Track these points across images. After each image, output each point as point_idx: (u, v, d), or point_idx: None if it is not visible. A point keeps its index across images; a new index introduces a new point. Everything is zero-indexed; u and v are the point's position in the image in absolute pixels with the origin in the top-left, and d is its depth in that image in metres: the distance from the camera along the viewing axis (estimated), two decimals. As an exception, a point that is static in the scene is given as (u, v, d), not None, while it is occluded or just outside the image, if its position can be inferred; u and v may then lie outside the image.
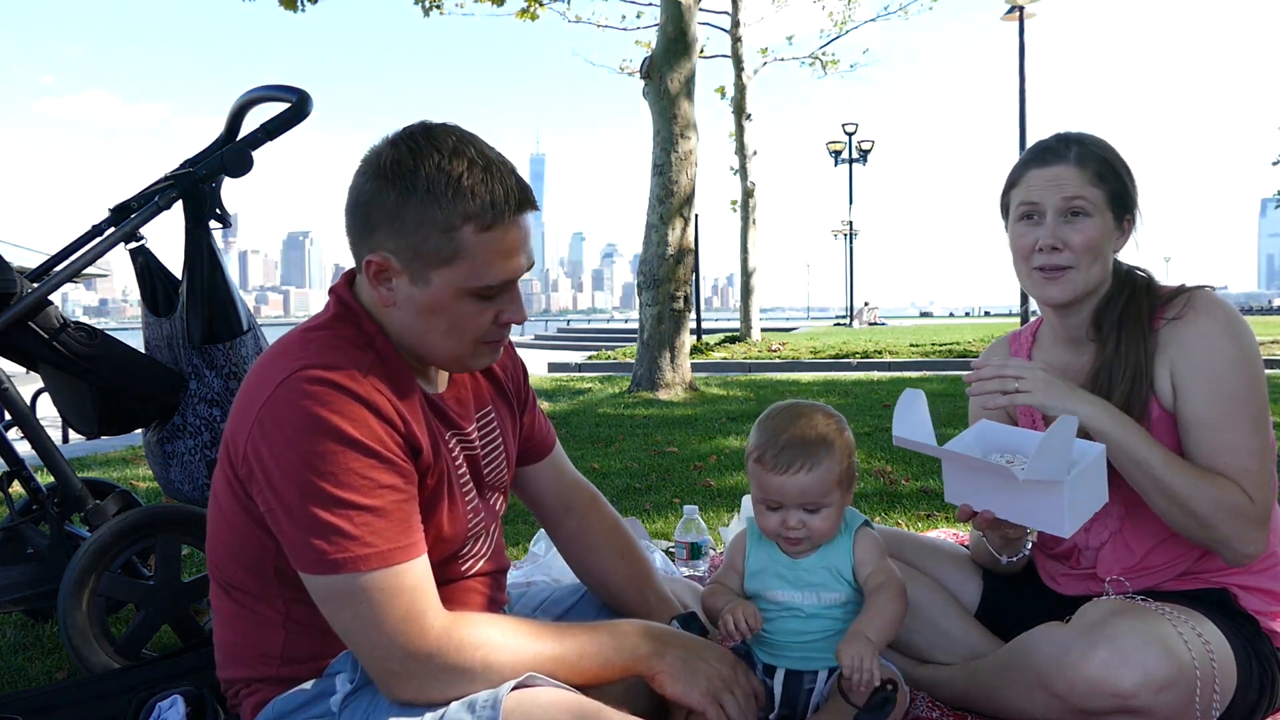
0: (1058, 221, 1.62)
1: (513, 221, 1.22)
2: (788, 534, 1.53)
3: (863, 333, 22.82)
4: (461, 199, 1.18)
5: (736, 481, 4.22)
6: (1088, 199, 1.60)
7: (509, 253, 1.23)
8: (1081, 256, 1.61)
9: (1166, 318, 1.61)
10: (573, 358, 15.81)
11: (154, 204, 2.17)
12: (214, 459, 2.15)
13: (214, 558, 1.33)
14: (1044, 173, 1.64)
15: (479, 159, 1.21)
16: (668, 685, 1.31)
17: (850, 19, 17.59)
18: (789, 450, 1.50)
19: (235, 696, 1.36)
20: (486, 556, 1.46)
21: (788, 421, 1.54)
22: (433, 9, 10.98)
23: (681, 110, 8.03)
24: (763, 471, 1.52)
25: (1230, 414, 1.54)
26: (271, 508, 1.18)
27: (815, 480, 1.50)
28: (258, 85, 2.37)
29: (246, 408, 1.20)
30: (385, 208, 1.20)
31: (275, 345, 1.27)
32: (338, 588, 1.15)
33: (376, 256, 1.22)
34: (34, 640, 2.34)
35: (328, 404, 1.15)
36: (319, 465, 1.14)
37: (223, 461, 1.26)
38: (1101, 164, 1.63)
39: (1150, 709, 1.40)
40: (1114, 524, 1.68)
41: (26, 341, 2.06)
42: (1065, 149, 1.65)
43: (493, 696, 1.16)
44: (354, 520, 1.14)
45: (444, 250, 1.20)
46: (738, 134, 16.10)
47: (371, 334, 1.27)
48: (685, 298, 8.16)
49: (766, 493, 1.54)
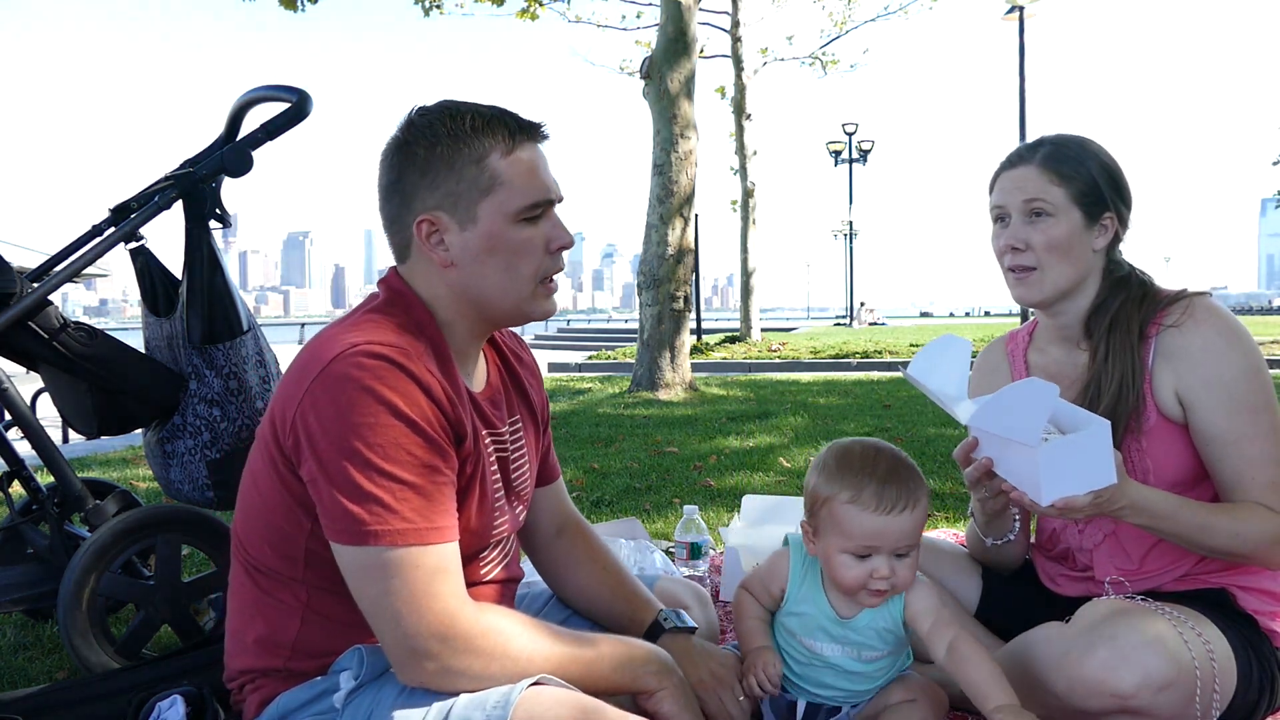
0: (1021, 223, 1.64)
1: (530, 143, 1.32)
2: (875, 585, 1.44)
3: (863, 333, 22.83)
4: (480, 133, 1.28)
5: (736, 481, 4.22)
6: (1048, 199, 1.61)
7: (536, 170, 1.31)
8: (1045, 256, 1.62)
9: (1164, 325, 1.60)
10: (573, 358, 15.81)
11: (154, 204, 2.16)
12: (214, 459, 2.15)
13: (243, 537, 1.33)
14: (1010, 175, 1.67)
15: (482, 106, 1.32)
16: (664, 704, 1.32)
17: (850, 19, 17.61)
18: (892, 487, 1.41)
19: (240, 691, 1.36)
20: (504, 564, 1.47)
21: (874, 459, 1.45)
22: (433, 9, 10.98)
23: (681, 110, 8.02)
24: (861, 513, 1.42)
25: (1249, 425, 1.54)
26: (314, 476, 1.18)
27: (917, 520, 1.43)
28: (258, 85, 2.37)
29: (297, 380, 1.21)
30: (415, 167, 1.29)
31: (327, 329, 1.30)
32: (371, 560, 1.16)
33: (425, 216, 1.29)
34: (34, 640, 2.34)
35: (382, 378, 1.17)
36: (367, 435, 1.15)
37: (263, 437, 1.27)
38: (1068, 164, 1.63)
39: (1150, 709, 1.40)
40: (1108, 525, 1.68)
41: (26, 341, 2.06)
42: (1033, 151, 1.67)
43: (505, 696, 1.15)
44: (395, 494, 1.15)
45: (480, 181, 1.28)
46: (738, 134, 16.09)
47: (423, 321, 1.31)
48: (685, 298, 8.16)
49: (861, 539, 1.43)
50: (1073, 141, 1.68)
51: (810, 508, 1.50)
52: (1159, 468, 1.61)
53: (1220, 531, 1.51)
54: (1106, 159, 1.67)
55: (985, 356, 1.93)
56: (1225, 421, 1.55)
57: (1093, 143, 1.69)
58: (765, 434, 5.81)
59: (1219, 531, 1.51)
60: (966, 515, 3.40)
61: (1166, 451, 1.60)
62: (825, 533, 1.47)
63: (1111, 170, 1.66)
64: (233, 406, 2.15)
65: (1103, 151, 1.68)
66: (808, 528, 1.52)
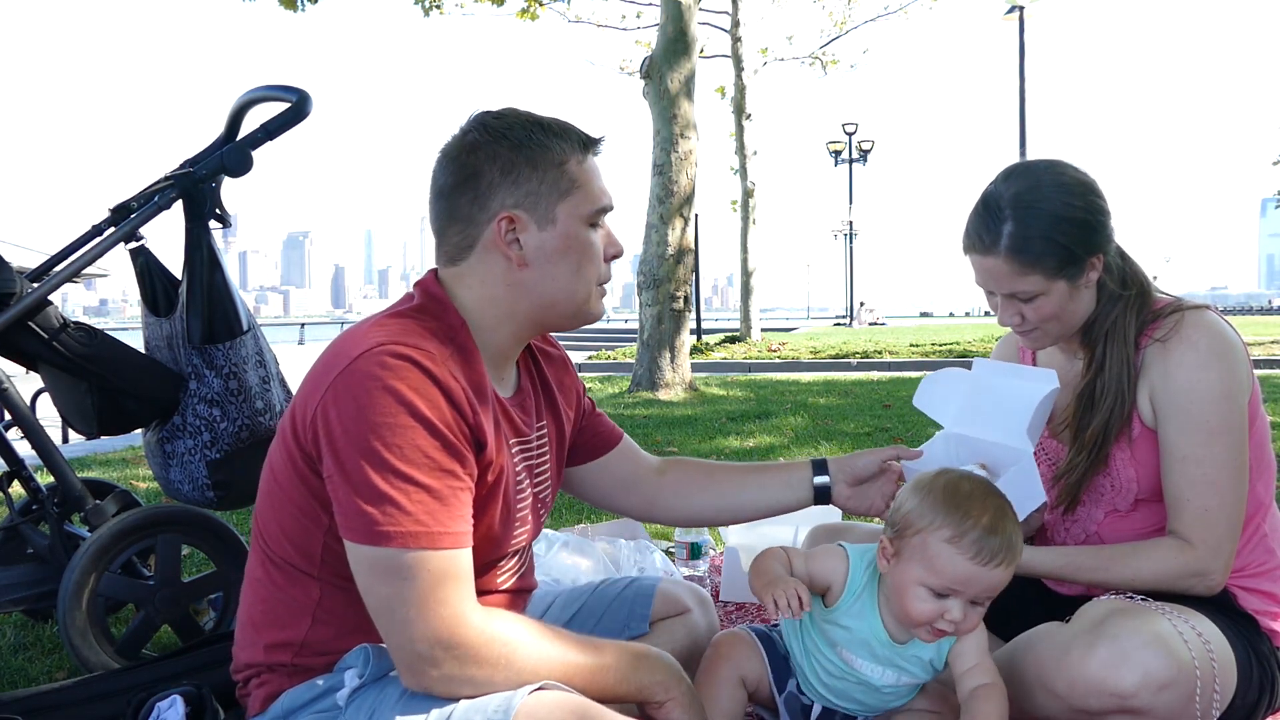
0: (1009, 304, 1.60)
1: (596, 154, 1.39)
2: (942, 626, 1.40)
3: (863, 333, 22.81)
4: (558, 139, 1.34)
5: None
6: (1027, 288, 1.56)
7: (600, 179, 1.38)
8: (1044, 324, 1.61)
9: (1154, 338, 1.58)
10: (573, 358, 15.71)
11: (154, 204, 2.16)
12: (214, 459, 2.15)
13: (263, 527, 1.33)
14: (981, 262, 1.59)
15: (547, 115, 1.37)
16: (674, 714, 1.32)
17: (850, 19, 17.61)
18: (996, 538, 1.36)
19: (245, 685, 1.36)
20: (519, 574, 1.47)
21: (983, 501, 1.39)
22: (433, 9, 10.98)
23: (681, 110, 8.02)
24: (957, 556, 1.36)
25: (1200, 446, 1.54)
26: (331, 473, 1.18)
27: (1009, 574, 1.39)
28: (257, 85, 2.37)
29: (321, 376, 1.21)
30: (498, 166, 1.31)
31: (355, 326, 1.30)
32: (381, 561, 1.15)
33: (505, 213, 1.31)
34: (34, 640, 2.34)
35: (405, 379, 1.17)
36: (386, 435, 1.15)
37: (284, 433, 1.27)
38: (1033, 246, 1.53)
39: (1150, 708, 1.40)
40: (1091, 525, 1.69)
41: (26, 341, 2.06)
42: (994, 237, 1.55)
43: (506, 702, 1.15)
44: (410, 496, 1.15)
45: (561, 184, 1.33)
46: (738, 134, 16.08)
47: (455, 326, 1.31)
48: (685, 298, 8.16)
49: (949, 581, 1.38)
50: (1028, 203, 1.54)
51: (899, 529, 1.43)
52: (1144, 475, 1.62)
53: (1116, 575, 1.58)
54: (1070, 206, 1.54)
55: (1000, 352, 1.94)
56: (1176, 436, 1.55)
57: (1052, 189, 1.55)
58: (765, 434, 5.81)
59: (1115, 576, 1.58)
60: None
61: (1152, 462, 1.61)
62: (909, 560, 1.41)
63: (1078, 220, 1.54)
64: (233, 406, 2.15)
65: (1065, 195, 1.55)
66: (888, 546, 1.45)
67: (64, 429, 5.61)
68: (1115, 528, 1.67)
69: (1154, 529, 1.64)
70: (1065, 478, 1.67)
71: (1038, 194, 1.55)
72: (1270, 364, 11.24)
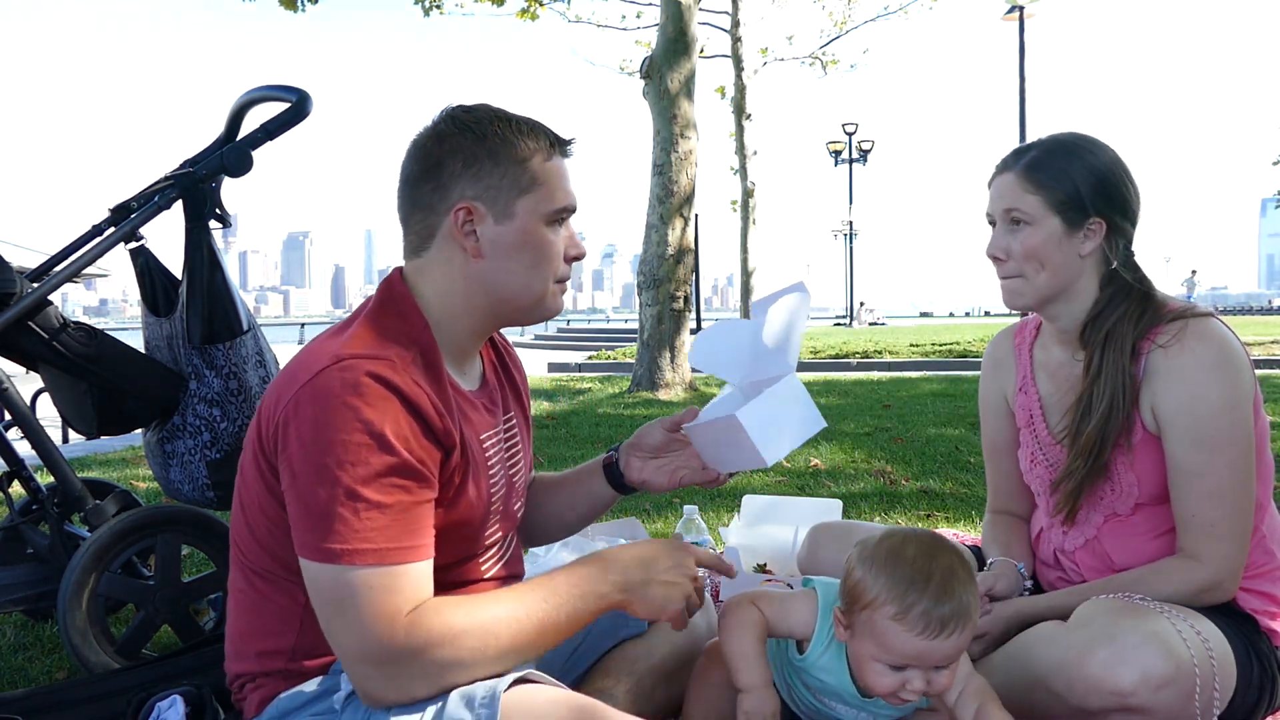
0: (1003, 231, 1.65)
1: (563, 155, 1.39)
2: (906, 696, 1.34)
3: (863, 333, 22.82)
4: (524, 136, 1.34)
5: (736, 481, 4.22)
6: (1024, 208, 1.60)
7: (566, 180, 1.38)
8: (1024, 265, 1.62)
9: (1157, 343, 1.57)
10: (572, 358, 15.81)
11: (154, 204, 2.17)
12: (214, 459, 2.15)
13: (238, 539, 1.33)
14: (996, 181, 1.67)
15: (517, 113, 1.38)
16: (639, 612, 1.33)
17: (850, 19, 17.61)
18: (945, 606, 1.28)
19: (240, 691, 1.36)
20: (503, 561, 1.47)
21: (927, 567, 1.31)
22: (433, 9, 10.98)
23: (681, 110, 8.03)
24: (905, 634, 1.29)
25: (1207, 462, 1.54)
26: (287, 487, 1.19)
27: (966, 638, 1.31)
28: (257, 85, 2.37)
29: (285, 387, 1.22)
30: (459, 157, 1.32)
31: (319, 337, 1.31)
32: (326, 577, 1.16)
33: (464, 204, 1.31)
34: (34, 640, 2.34)
35: (363, 394, 1.17)
36: (339, 454, 1.15)
37: (251, 441, 1.28)
38: (1049, 171, 1.59)
39: (1150, 707, 1.41)
40: (1090, 530, 1.69)
41: (26, 341, 2.06)
42: (1018, 158, 1.65)
43: (491, 691, 1.15)
44: (360, 513, 1.15)
45: (522, 179, 1.33)
46: (738, 134, 16.08)
47: (418, 326, 1.31)
48: (685, 297, 8.17)
49: (900, 656, 1.31)
50: (1065, 145, 1.63)
51: (848, 602, 1.37)
52: (1145, 480, 1.62)
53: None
54: (1100, 164, 1.60)
55: (993, 349, 1.92)
56: (1183, 453, 1.55)
57: (1091, 147, 1.63)
58: (765, 434, 5.79)
59: None
60: (970, 518, 3.40)
61: (1153, 466, 1.61)
62: (861, 635, 1.35)
63: (1102, 175, 1.60)
64: (232, 406, 2.15)
65: (1101, 156, 1.61)
66: (841, 619, 1.39)
67: (64, 429, 5.61)
68: (1115, 532, 1.67)
69: (1154, 533, 1.64)
70: (1065, 483, 1.67)
71: (1075, 144, 1.64)
72: (1270, 364, 11.24)
